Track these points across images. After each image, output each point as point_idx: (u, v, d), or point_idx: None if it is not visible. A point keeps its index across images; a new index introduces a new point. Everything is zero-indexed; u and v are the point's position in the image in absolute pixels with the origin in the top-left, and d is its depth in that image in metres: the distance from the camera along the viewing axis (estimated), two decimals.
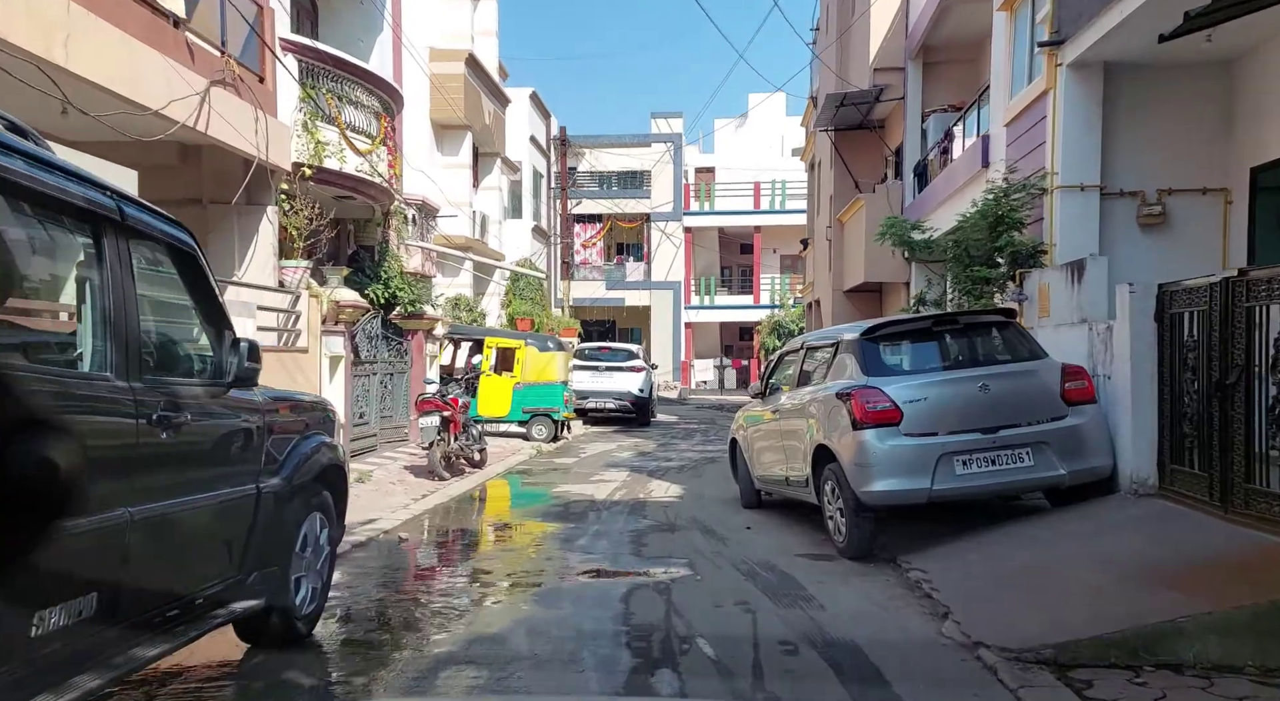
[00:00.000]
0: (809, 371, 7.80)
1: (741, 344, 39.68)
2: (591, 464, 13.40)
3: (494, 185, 22.93)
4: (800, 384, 7.83)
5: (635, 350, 21.67)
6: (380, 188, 12.28)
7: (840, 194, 20.18)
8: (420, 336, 13.83)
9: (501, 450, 14.31)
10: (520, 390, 15.83)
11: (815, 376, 7.69)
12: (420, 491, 9.82)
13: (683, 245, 36.26)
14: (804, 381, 7.81)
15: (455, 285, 20.12)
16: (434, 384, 11.92)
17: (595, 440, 17.42)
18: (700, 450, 15.58)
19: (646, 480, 11.48)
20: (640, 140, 36.35)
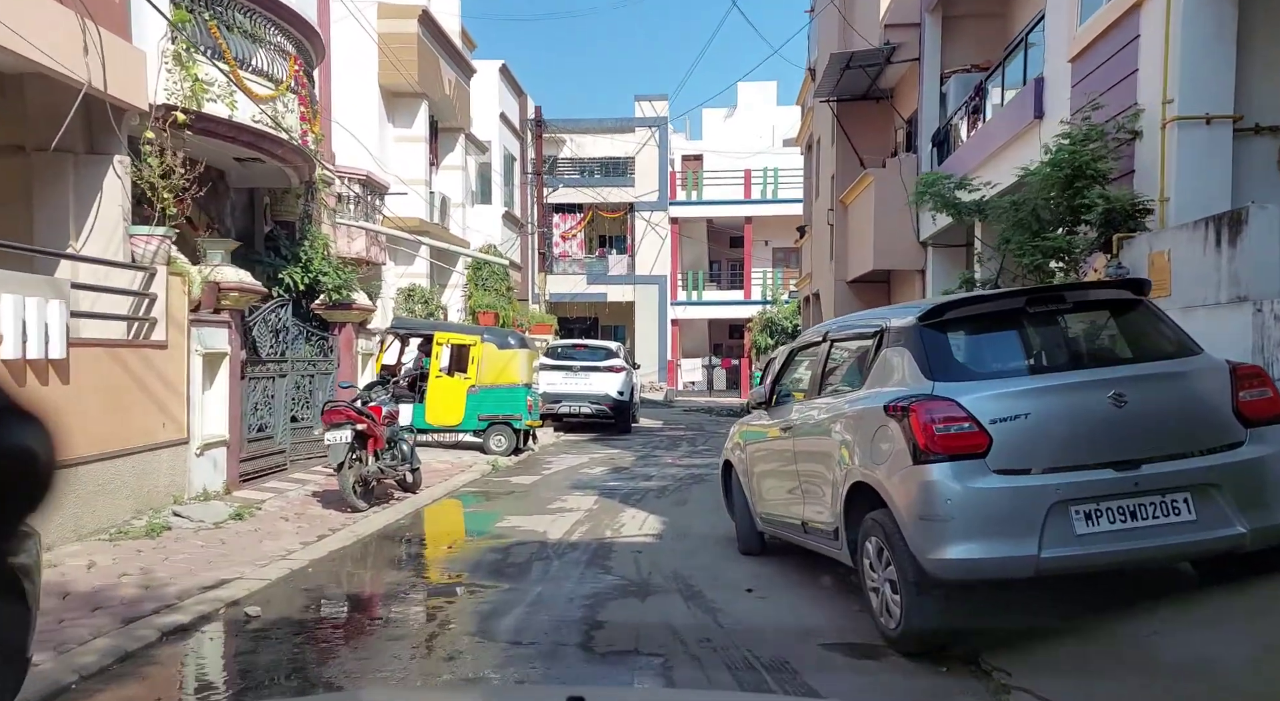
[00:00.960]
0: (834, 372, 5.57)
1: (731, 342, 37.46)
2: (555, 484, 11.11)
3: (457, 164, 20.61)
4: (822, 390, 5.58)
5: (615, 348, 19.39)
6: (291, 148, 9.96)
7: (843, 173, 17.97)
8: (349, 330, 11.53)
9: (449, 467, 12.00)
10: (476, 394, 13.53)
11: (845, 380, 5.45)
12: (319, 530, 7.51)
13: (669, 237, 34.01)
14: (828, 387, 5.58)
15: (409, 274, 17.80)
16: (351, 386, 9.62)
17: (565, 451, 15.14)
18: (687, 464, 13.32)
19: (618, 508, 9.22)
20: (623, 124, 34.08)
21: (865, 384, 4.94)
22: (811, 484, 5.44)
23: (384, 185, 16.23)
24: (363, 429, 8.36)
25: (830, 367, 5.59)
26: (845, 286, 18.11)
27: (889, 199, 15.14)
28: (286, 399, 9.95)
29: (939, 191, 7.52)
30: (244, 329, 8.80)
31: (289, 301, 10.11)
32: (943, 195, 7.45)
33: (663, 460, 13.89)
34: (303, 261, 11.06)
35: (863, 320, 5.33)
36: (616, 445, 16.27)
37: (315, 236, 11.29)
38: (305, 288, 11.10)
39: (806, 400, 5.69)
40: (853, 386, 5.18)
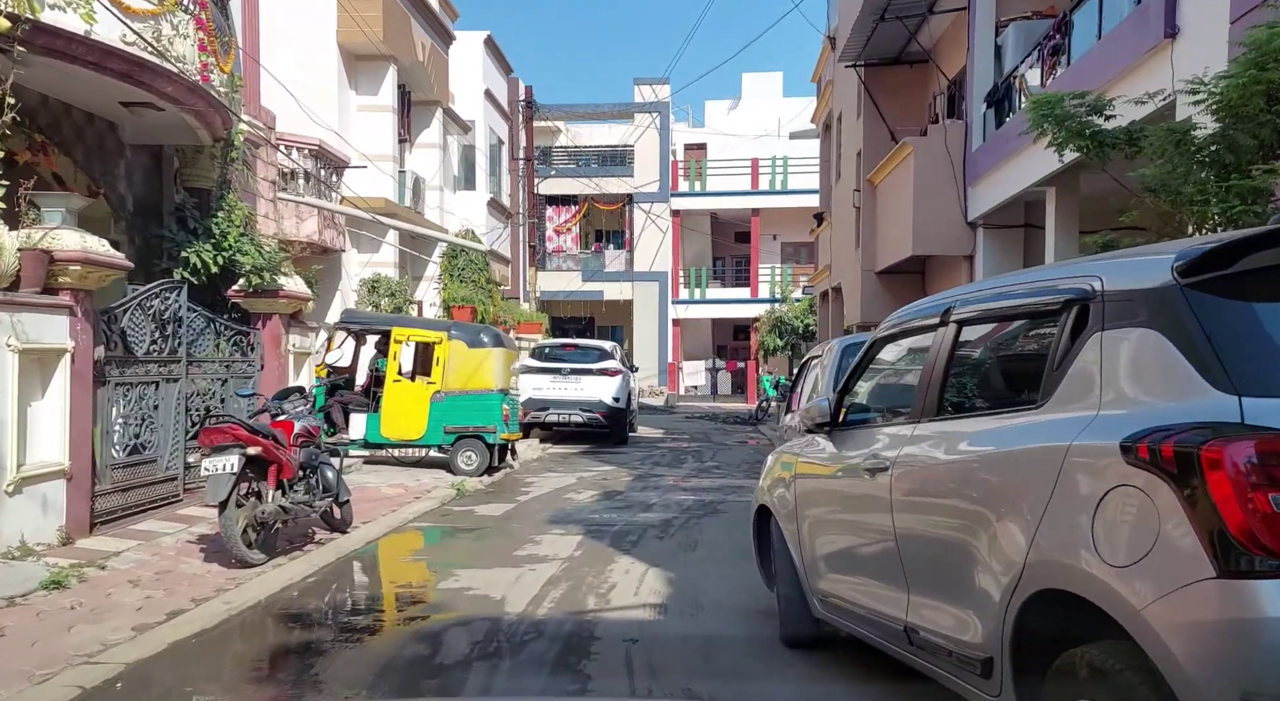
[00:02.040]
0: (972, 376, 3.31)
1: (736, 343, 35.20)
2: (530, 517, 8.84)
3: (433, 142, 18.34)
4: (944, 408, 3.29)
5: (609, 348, 17.12)
6: (187, 86, 7.69)
7: (872, 149, 15.74)
8: (277, 323, 9.25)
9: (400, 492, 9.72)
10: (441, 402, 11.24)
11: (993, 390, 3.20)
12: (175, 602, 5.23)
13: (670, 231, 31.77)
14: (958, 402, 3.30)
15: (375, 263, 15.54)
16: (254, 394, 7.32)
17: (550, 468, 12.85)
18: (694, 487, 11.04)
19: (608, 557, 6.94)
20: (621, 109, 31.86)
21: (1048, 397, 2.66)
22: (930, 564, 3.18)
23: (342, 159, 13.97)
24: (256, 453, 6.08)
25: (960, 368, 3.31)
26: (874, 278, 15.86)
27: (931, 173, 12.91)
28: (180, 411, 7.67)
29: (1063, 115, 5.25)
30: (101, 317, 6.53)
31: (182, 285, 7.83)
32: (1070, 124, 5.20)
33: (665, 481, 11.62)
34: (214, 236, 8.80)
35: (1029, 282, 3.03)
36: (611, 460, 14.00)
37: (233, 206, 9.03)
38: (220, 270, 8.83)
39: (913, 423, 3.40)
40: (1017, 402, 2.90)
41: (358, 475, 10.67)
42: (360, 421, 11.37)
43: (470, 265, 16.73)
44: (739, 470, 12.94)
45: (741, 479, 11.89)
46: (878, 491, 3.53)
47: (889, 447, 3.52)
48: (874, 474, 3.57)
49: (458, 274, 16.67)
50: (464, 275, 16.65)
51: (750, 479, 11.88)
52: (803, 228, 32.30)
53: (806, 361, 7.75)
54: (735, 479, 11.91)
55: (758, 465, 14.12)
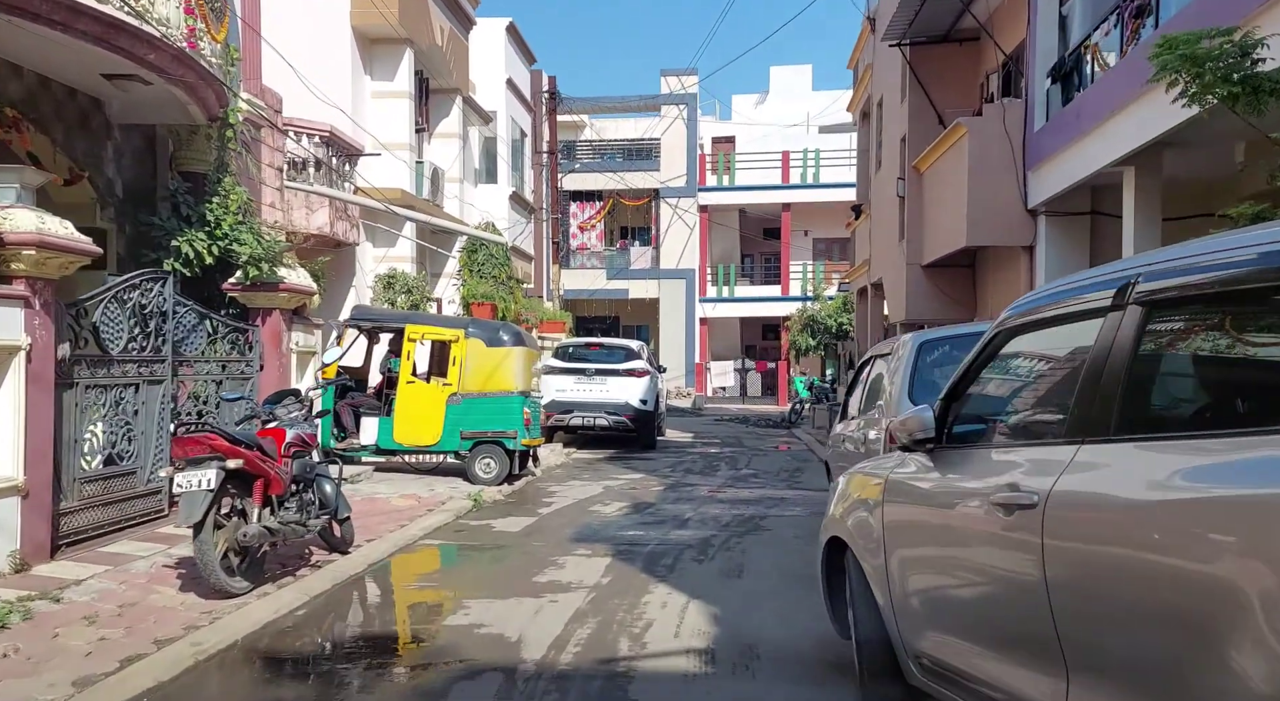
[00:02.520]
0: (1179, 379, 2.39)
1: (766, 343, 34.19)
2: (553, 533, 7.98)
3: (453, 131, 17.56)
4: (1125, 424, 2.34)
5: (636, 347, 16.23)
6: (172, 55, 6.92)
7: (918, 133, 14.73)
8: (277, 319, 8.46)
9: (412, 504, 8.90)
10: (458, 405, 10.42)
11: (1234, 401, 2.27)
12: (135, 644, 4.42)
13: (697, 227, 30.83)
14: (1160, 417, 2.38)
15: (391, 258, 14.77)
16: (241, 398, 6.52)
17: (574, 475, 11.99)
18: (730, 498, 10.12)
19: (641, 584, 6.06)
20: (647, 101, 30.96)
21: None
22: (1109, 642, 2.26)
23: (355, 146, 13.20)
24: (238, 467, 5.26)
25: (1153, 368, 2.38)
26: (919, 272, 14.84)
27: (987, 156, 11.89)
28: (165, 417, 6.89)
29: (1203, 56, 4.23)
30: (68, 311, 5.74)
31: (167, 276, 7.04)
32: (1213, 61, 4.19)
33: (699, 491, 10.71)
34: (209, 224, 8.02)
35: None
36: (639, 467, 13.12)
37: (229, 190, 8.24)
38: (215, 261, 8.05)
39: (1073, 443, 2.47)
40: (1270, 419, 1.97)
41: (367, 484, 9.88)
42: (372, 426, 10.57)
43: (491, 260, 15.91)
44: (778, 479, 12.00)
45: (782, 489, 10.96)
46: (1018, 534, 2.61)
47: (1034, 476, 2.59)
48: (1011, 511, 2.64)
49: (478, 269, 15.85)
50: (484, 271, 15.84)
51: (792, 489, 10.94)
52: (836, 223, 31.25)
53: (865, 362, 6.81)
54: (775, 489, 10.98)
55: (798, 473, 13.26)
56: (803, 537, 7.78)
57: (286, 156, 11.75)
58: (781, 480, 11.84)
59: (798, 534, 7.98)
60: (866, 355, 6.80)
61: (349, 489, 9.26)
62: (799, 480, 11.87)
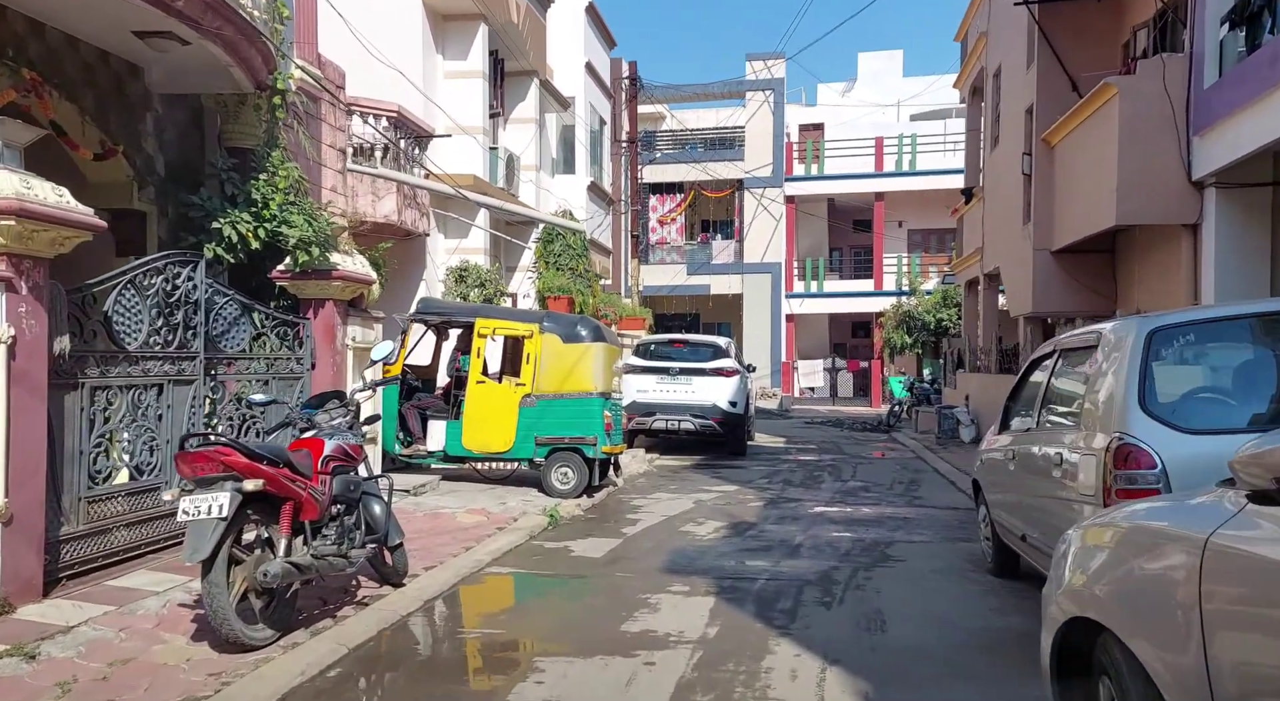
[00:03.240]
0: None
1: (855, 341, 32.39)
2: (641, 561, 6.77)
3: (528, 116, 16.58)
4: None
5: (724, 345, 14.94)
6: (205, 4, 5.96)
7: (1048, 103, 13.01)
8: (331, 311, 7.49)
9: (481, 520, 7.82)
10: (532, 408, 9.33)
11: None
12: None
13: (784, 219, 29.27)
14: None
15: (464, 250, 13.85)
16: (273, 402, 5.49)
17: (659, 486, 10.78)
18: (845, 518, 8.74)
19: (759, 640, 4.79)
20: (732, 87, 29.55)
21: None
22: None
23: (424, 128, 12.29)
24: (258, 488, 4.22)
25: None
26: (1049, 259, 13.11)
27: (1142, 120, 10.17)
28: (198, 422, 5.95)
29: None
30: (72, 298, 4.81)
31: (198, 259, 6.10)
32: None
33: (805, 507, 9.35)
34: (255, 204, 7.09)
35: None
36: (731, 476, 11.83)
37: (277, 166, 7.31)
38: (263, 245, 7.12)
39: None
40: None
41: (432, 496, 8.86)
42: (439, 430, 9.58)
43: (568, 251, 14.81)
44: (893, 492, 10.54)
45: (901, 506, 9.52)
46: None
47: None
48: None
49: (554, 261, 14.78)
50: (560, 262, 14.75)
51: (913, 506, 9.48)
52: (933, 212, 29.28)
53: (1038, 360, 5.37)
54: (893, 506, 9.54)
55: (914, 486, 11.69)
56: (944, 573, 6.39)
57: (350, 138, 10.88)
58: (897, 495, 10.38)
59: (937, 567, 6.58)
60: (1042, 350, 5.37)
61: (411, 502, 8.25)
62: (918, 495, 10.39)
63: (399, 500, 8.30)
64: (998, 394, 15.42)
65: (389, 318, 10.02)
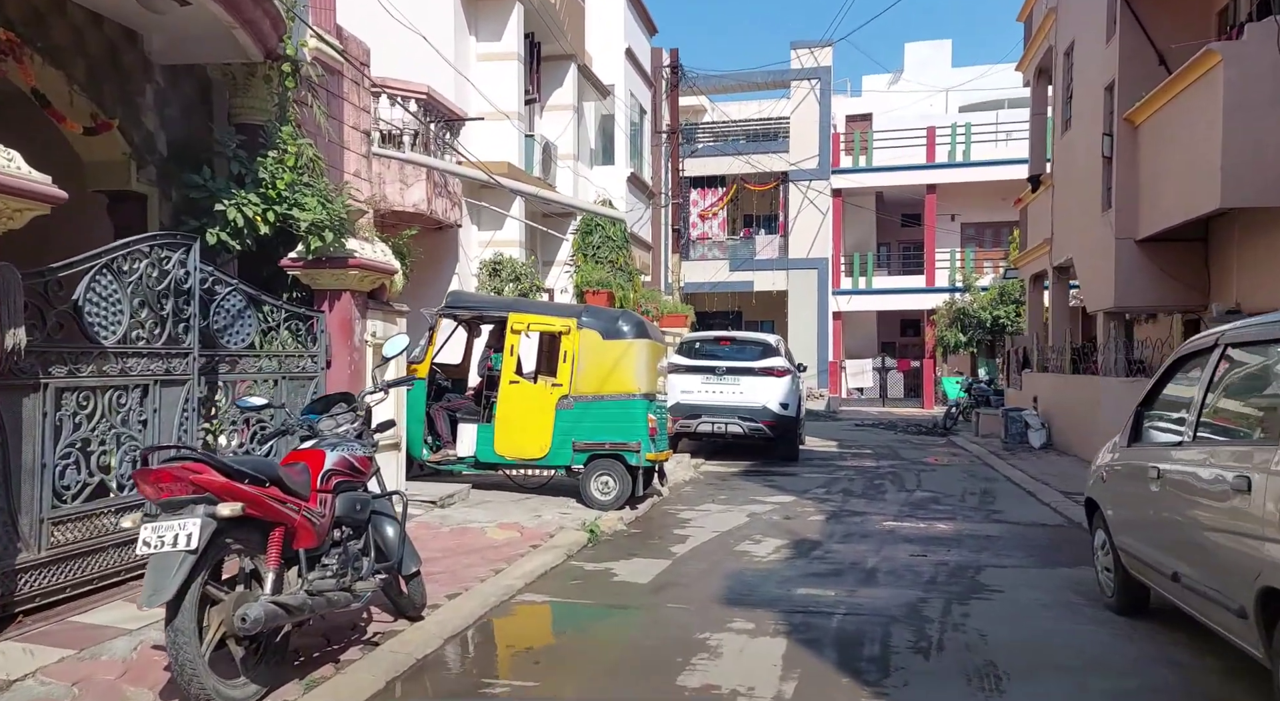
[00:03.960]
0: None
1: (904, 340, 31.15)
2: (694, 588, 5.91)
3: (566, 103, 15.80)
4: None
5: (774, 342, 14.01)
6: None
7: (1132, 80, 11.88)
8: (348, 303, 6.74)
9: (514, 536, 7.01)
10: (570, 410, 8.52)
11: None
12: None
13: (830, 212, 28.17)
14: None
15: (498, 243, 13.10)
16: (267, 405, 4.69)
17: (708, 497, 9.89)
18: (919, 535, 7.77)
19: (850, 698, 3.90)
20: (776, 77, 28.51)
21: None
22: None
23: (455, 112, 11.55)
24: (233, 514, 3.43)
25: None
26: (1133, 248, 11.98)
27: (1252, 90, 9.07)
28: (191, 428, 5.22)
29: None
30: (20, 282, 4.08)
31: (191, 241, 5.36)
32: None
33: (872, 522, 8.41)
34: (263, 184, 6.37)
35: None
36: (784, 485, 10.91)
37: (287, 142, 6.58)
38: (274, 230, 6.40)
39: None
40: None
41: (461, 508, 8.08)
42: (470, 434, 8.82)
43: (607, 243, 13.96)
44: (966, 506, 9.54)
45: (979, 521, 8.53)
46: None
47: None
48: None
49: (592, 253, 13.95)
50: (599, 255, 13.90)
51: (992, 521, 8.47)
52: (988, 205, 27.98)
53: (1190, 355, 4.40)
54: (970, 521, 8.56)
55: (988, 497, 10.48)
56: (1054, 608, 5.43)
57: (377, 121, 10.17)
58: (972, 508, 9.38)
59: (1042, 599, 5.63)
60: (1192, 345, 4.39)
61: (438, 516, 7.47)
62: (995, 508, 9.38)
63: (423, 513, 7.53)
64: (1072, 396, 14.25)
65: (417, 312, 9.29)
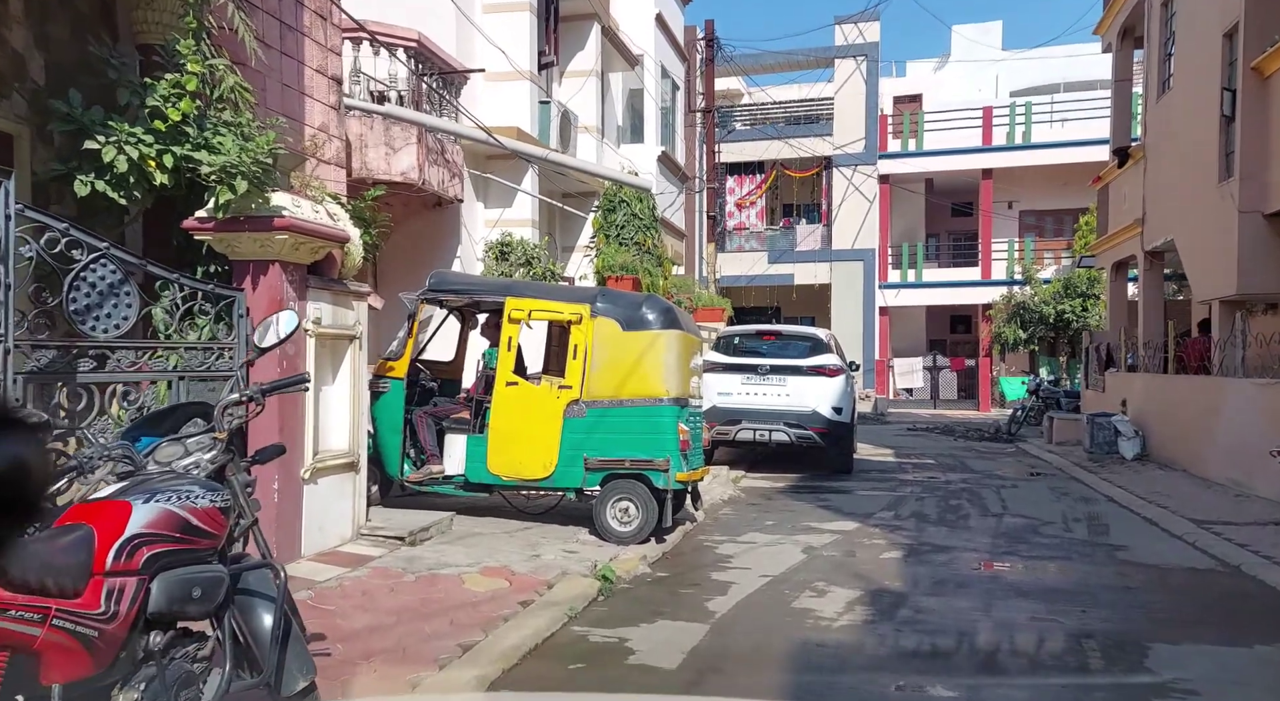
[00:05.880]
0: None
1: (956, 337, 29.03)
2: (740, 679, 4.16)
3: (586, 68, 14.10)
4: None
5: (824, 337, 12.23)
6: None
7: (1261, 22, 9.89)
8: (278, 280, 5.06)
9: (505, 588, 5.28)
10: (581, 418, 6.80)
11: None
12: None
13: (877, 200, 26.18)
14: None
15: (508, 222, 11.43)
16: None
17: (750, 523, 8.11)
18: (1030, 583, 5.91)
19: None
20: (819, 55, 26.60)
21: None
22: None
23: (450, 64, 9.89)
24: None
25: None
26: (1261, 224, 9.97)
27: None
28: None
29: None
30: None
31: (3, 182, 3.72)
32: None
33: (963, 559, 6.58)
34: (160, 119, 4.73)
35: None
36: (842, 505, 9.10)
37: (189, 58, 4.91)
38: (175, 178, 4.74)
39: None
40: None
41: (436, 545, 6.36)
42: (458, 448, 7.15)
43: (633, 222, 12.13)
44: (1075, 537, 7.64)
45: (1102, 562, 6.66)
46: None
47: None
48: None
49: (615, 234, 12.17)
50: (623, 236, 12.11)
51: (1123, 564, 6.49)
52: (1048, 191, 25.82)
53: None
54: (1090, 561, 6.68)
55: (1097, 525, 7.96)
56: None
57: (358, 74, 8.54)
58: (1084, 542, 7.48)
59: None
60: None
61: (402, 559, 5.77)
62: (1114, 542, 7.46)
63: (385, 554, 5.82)
64: (1176, 400, 12.00)
65: (398, 297, 7.65)
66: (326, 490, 5.48)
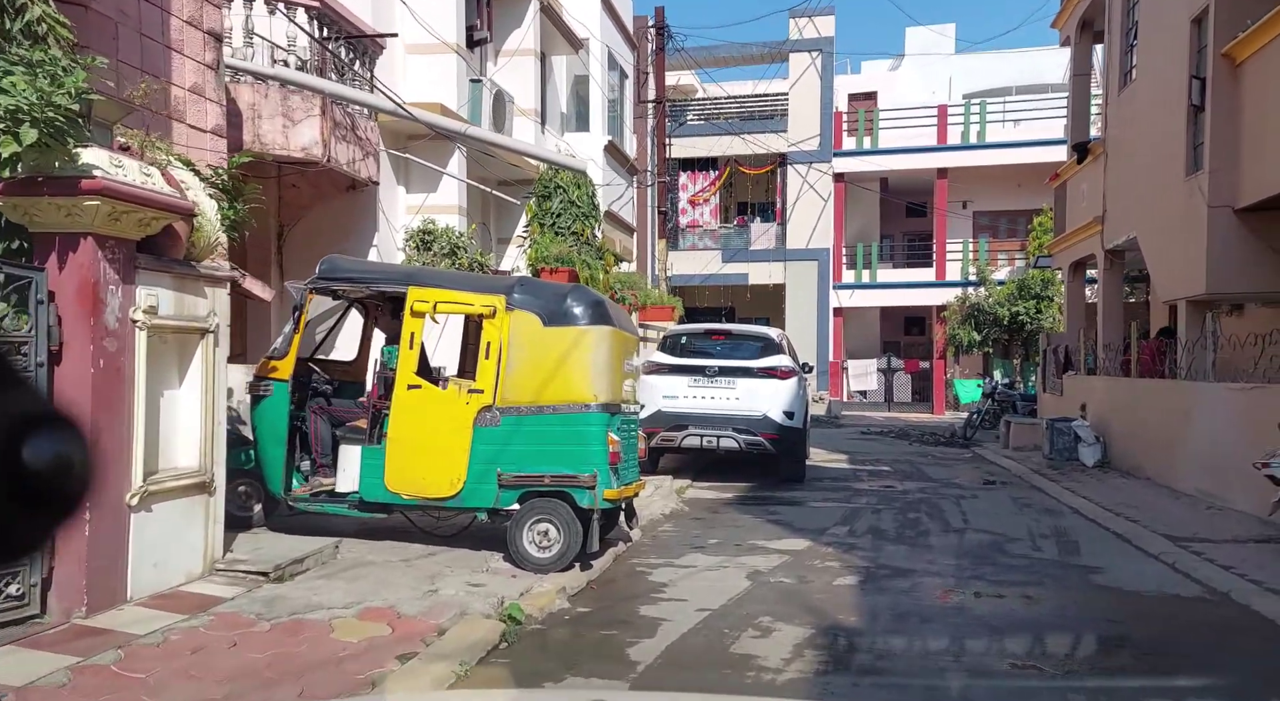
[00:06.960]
0: None
1: (909, 339, 28.61)
2: None
3: (525, 48, 13.15)
4: None
5: (776, 337, 11.47)
6: None
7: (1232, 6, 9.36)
8: (93, 258, 4.08)
9: (386, 637, 4.33)
10: (494, 428, 5.89)
11: None
12: None
13: (832, 199, 25.63)
14: None
15: (433, 208, 10.45)
16: None
17: (692, 541, 7.26)
18: (1003, 612, 5.13)
19: None
20: (773, 49, 25.95)
21: None
22: None
23: (361, 29, 8.88)
24: None
25: None
26: (1232, 219, 9.44)
27: None
28: None
29: None
30: None
31: None
32: None
33: (926, 586, 5.81)
34: None
35: None
36: (794, 519, 8.31)
37: None
38: None
39: None
40: None
41: (310, 582, 5.36)
42: (352, 462, 6.17)
43: (570, 209, 11.10)
44: (1045, 558, 6.92)
45: (1078, 589, 5.95)
46: None
47: None
48: None
49: (551, 223, 11.18)
50: (559, 224, 11.14)
51: (1099, 589, 5.72)
52: (1002, 192, 25.51)
53: None
54: (1067, 589, 5.97)
55: (1066, 541, 7.17)
56: None
57: (250, 36, 7.50)
58: (1056, 563, 6.77)
59: None
60: None
61: (264, 598, 4.79)
62: (1088, 564, 6.76)
63: (240, 594, 4.81)
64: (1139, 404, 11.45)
65: (286, 287, 6.65)
66: (166, 517, 4.49)
